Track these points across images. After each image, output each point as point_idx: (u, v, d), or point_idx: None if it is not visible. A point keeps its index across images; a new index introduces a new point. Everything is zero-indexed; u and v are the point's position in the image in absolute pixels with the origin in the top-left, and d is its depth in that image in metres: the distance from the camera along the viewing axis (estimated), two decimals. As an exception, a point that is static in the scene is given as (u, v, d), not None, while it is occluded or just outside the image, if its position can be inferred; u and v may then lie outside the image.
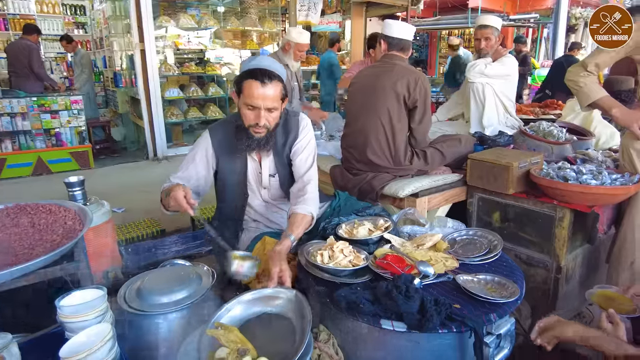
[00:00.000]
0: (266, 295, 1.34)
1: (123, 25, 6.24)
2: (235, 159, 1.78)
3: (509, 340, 1.24)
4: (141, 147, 6.43)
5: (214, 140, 1.77)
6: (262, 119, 1.61)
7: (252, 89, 1.56)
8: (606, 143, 2.87)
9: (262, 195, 1.86)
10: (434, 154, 2.37)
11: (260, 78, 1.56)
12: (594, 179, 1.96)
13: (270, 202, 1.88)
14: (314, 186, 1.75)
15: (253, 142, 1.67)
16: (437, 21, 10.80)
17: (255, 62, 1.64)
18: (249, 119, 1.63)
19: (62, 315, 1.15)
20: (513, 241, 2.23)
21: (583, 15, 11.50)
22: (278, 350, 1.15)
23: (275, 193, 1.87)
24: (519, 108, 3.99)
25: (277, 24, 7.47)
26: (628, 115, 1.97)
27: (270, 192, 1.86)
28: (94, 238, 1.95)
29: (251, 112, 1.61)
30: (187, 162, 1.77)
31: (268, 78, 1.57)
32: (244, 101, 1.61)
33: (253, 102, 1.58)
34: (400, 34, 2.31)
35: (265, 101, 1.58)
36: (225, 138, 1.77)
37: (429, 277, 1.36)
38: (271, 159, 1.80)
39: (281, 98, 1.64)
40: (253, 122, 1.62)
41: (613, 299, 1.58)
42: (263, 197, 1.86)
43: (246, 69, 1.62)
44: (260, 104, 1.58)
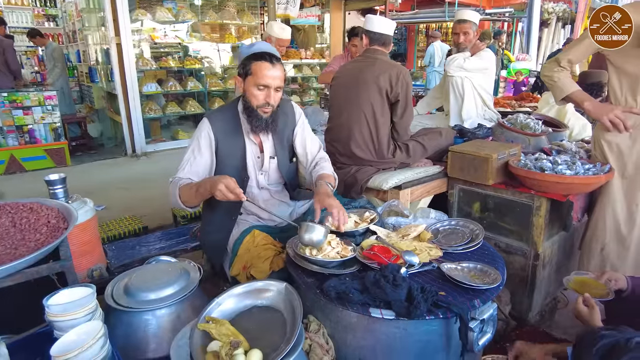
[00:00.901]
0: (256, 288, 1.35)
1: (97, 18, 6.07)
2: (234, 143, 1.80)
3: (492, 324, 1.29)
4: (119, 143, 6.30)
5: (214, 125, 1.78)
6: (272, 98, 1.70)
7: (264, 69, 1.66)
8: (579, 134, 2.99)
9: (259, 180, 1.87)
10: (416, 147, 2.42)
11: (269, 59, 1.67)
12: (569, 169, 2.04)
13: (265, 188, 1.90)
14: (327, 158, 1.96)
15: (262, 122, 1.73)
16: (415, 15, 10.86)
17: (257, 46, 1.78)
18: (258, 99, 1.70)
19: (51, 314, 1.14)
20: (493, 230, 2.31)
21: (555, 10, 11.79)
22: (270, 341, 1.17)
23: (272, 176, 1.90)
24: (497, 101, 4.09)
25: (255, 17, 7.40)
26: (599, 108, 2.06)
27: (267, 176, 1.89)
28: (78, 236, 1.92)
29: (261, 92, 1.69)
30: (193, 154, 1.77)
31: (276, 59, 1.69)
32: (254, 82, 1.68)
33: (265, 81, 1.67)
34: (382, 29, 2.34)
35: (275, 80, 1.68)
36: (224, 123, 1.79)
37: (415, 266, 1.41)
38: (271, 141, 1.85)
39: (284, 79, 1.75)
40: (263, 102, 1.70)
41: (588, 284, 1.66)
42: (260, 182, 1.88)
43: (252, 53, 1.70)
44: (271, 83, 1.68)
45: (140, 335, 1.42)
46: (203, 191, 1.58)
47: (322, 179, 1.74)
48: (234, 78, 1.81)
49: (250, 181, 1.85)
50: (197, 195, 1.61)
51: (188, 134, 6.47)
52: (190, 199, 1.65)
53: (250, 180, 1.85)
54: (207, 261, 2.11)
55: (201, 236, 2.01)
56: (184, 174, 1.73)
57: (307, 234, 1.47)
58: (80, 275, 1.88)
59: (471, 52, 3.07)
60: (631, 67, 1.97)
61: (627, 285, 1.63)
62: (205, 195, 1.59)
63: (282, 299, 1.31)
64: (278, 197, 1.93)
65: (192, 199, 1.64)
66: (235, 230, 1.82)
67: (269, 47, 1.80)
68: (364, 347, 1.28)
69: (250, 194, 1.86)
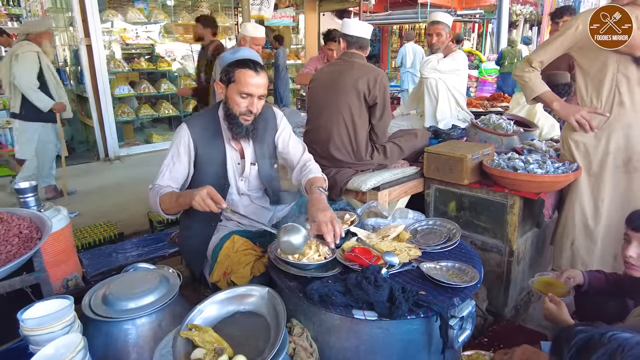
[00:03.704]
0: (239, 294, 1.35)
1: (65, 19, 5.89)
2: (214, 150, 1.78)
3: (471, 321, 1.33)
4: (91, 148, 6.13)
5: (192, 131, 1.75)
6: (255, 106, 1.68)
7: (248, 77, 1.64)
8: (548, 133, 3.10)
9: (240, 187, 1.86)
10: (393, 149, 2.46)
11: (254, 67, 1.65)
12: (540, 168, 2.12)
13: (246, 194, 1.89)
14: (314, 162, 1.92)
15: (242, 130, 1.72)
16: (388, 16, 11.02)
17: (241, 53, 1.75)
18: (241, 107, 1.68)
19: (26, 329, 1.11)
20: (469, 229, 2.37)
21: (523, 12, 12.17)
22: (254, 347, 1.17)
23: (253, 183, 1.88)
24: (469, 101, 4.19)
25: (229, 18, 7.34)
26: (566, 108, 2.15)
27: (248, 182, 1.87)
28: (52, 245, 1.86)
29: (244, 100, 1.67)
30: (172, 160, 1.74)
31: (260, 67, 1.68)
32: (238, 90, 1.66)
33: (249, 89, 1.65)
34: (359, 32, 2.36)
35: (258, 89, 1.67)
36: (203, 130, 1.77)
37: (395, 266, 1.43)
38: (252, 147, 1.84)
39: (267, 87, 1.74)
40: (245, 110, 1.68)
41: (551, 283, 1.76)
42: (240, 189, 1.87)
43: (236, 59, 1.68)
44: (255, 92, 1.66)
45: (121, 345, 1.39)
46: (182, 201, 1.58)
47: (313, 184, 1.73)
48: (215, 83, 1.78)
49: (230, 188, 1.83)
50: (176, 205, 1.62)
51: (162, 137, 6.36)
52: (170, 208, 1.65)
53: (230, 187, 1.83)
54: (187, 267, 2.09)
55: (180, 242, 1.98)
56: (163, 181, 1.71)
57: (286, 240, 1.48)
58: (55, 286, 1.83)
59: (444, 53, 3.14)
60: (594, 69, 2.06)
61: (584, 280, 1.72)
62: (184, 206, 1.59)
63: (265, 303, 1.31)
64: (258, 202, 1.93)
65: (171, 208, 1.64)
66: (215, 236, 1.80)
67: (253, 54, 1.78)
68: (348, 349, 1.30)
69: (230, 201, 1.85)
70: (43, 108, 3.76)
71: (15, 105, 3.74)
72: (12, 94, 3.73)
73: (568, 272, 1.77)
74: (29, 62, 3.62)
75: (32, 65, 3.66)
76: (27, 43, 3.69)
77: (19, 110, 3.75)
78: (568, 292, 1.68)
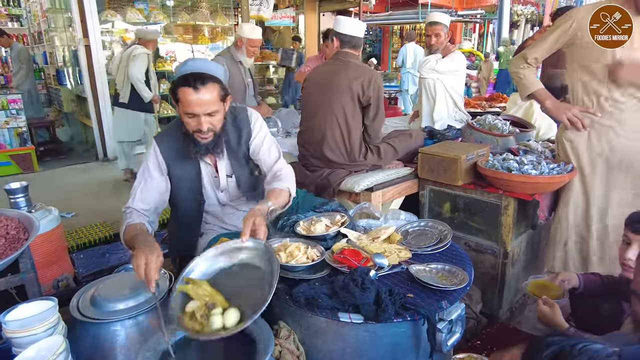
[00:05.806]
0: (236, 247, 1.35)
1: (64, 19, 5.90)
2: (186, 165, 1.71)
3: (460, 325, 1.31)
4: (90, 148, 6.14)
5: (162, 147, 1.69)
6: (204, 125, 1.56)
7: (187, 96, 1.51)
8: (545, 134, 3.08)
9: (220, 198, 1.83)
10: (387, 149, 2.45)
11: (193, 84, 1.50)
12: (534, 169, 2.10)
13: (228, 204, 1.86)
14: (287, 170, 1.72)
15: (202, 148, 1.63)
16: (389, 16, 11.02)
17: (186, 67, 1.58)
18: (190, 126, 1.58)
19: (8, 331, 1.11)
20: (463, 230, 2.35)
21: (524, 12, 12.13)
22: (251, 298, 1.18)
23: (233, 193, 1.84)
24: (467, 102, 4.18)
25: (229, 18, 7.33)
26: (558, 107, 2.14)
27: (228, 194, 1.83)
28: (42, 246, 1.85)
29: (191, 119, 1.56)
30: (144, 178, 1.68)
31: (201, 82, 1.51)
32: (183, 110, 1.55)
33: (191, 109, 1.53)
34: (352, 31, 2.35)
35: (202, 107, 1.53)
36: (172, 145, 1.69)
37: (384, 268, 1.42)
38: (226, 160, 1.77)
39: (221, 99, 1.58)
40: (196, 129, 1.58)
41: (545, 286, 1.74)
42: (221, 200, 1.83)
43: (179, 76, 1.55)
44: (198, 111, 1.53)
45: (108, 347, 1.38)
46: (132, 245, 1.47)
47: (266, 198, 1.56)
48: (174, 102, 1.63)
49: (210, 200, 1.80)
50: (130, 243, 1.49)
51: (162, 137, 6.35)
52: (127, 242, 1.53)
53: (210, 199, 1.80)
54: (177, 268, 2.08)
55: (169, 245, 1.97)
56: (134, 203, 1.63)
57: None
58: (45, 287, 1.83)
59: (442, 53, 3.13)
60: (585, 68, 2.04)
61: (579, 283, 1.71)
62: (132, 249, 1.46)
63: (260, 255, 1.31)
64: (243, 208, 1.87)
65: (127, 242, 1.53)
66: (203, 240, 1.79)
67: (203, 64, 1.60)
68: (334, 352, 1.28)
69: (213, 212, 1.83)
70: (145, 98, 4.48)
71: (124, 96, 4.50)
72: (122, 86, 4.48)
73: (563, 275, 1.76)
74: (141, 60, 4.40)
75: (144, 63, 4.43)
76: (140, 47, 4.45)
77: (128, 100, 4.51)
78: (562, 294, 1.66)
